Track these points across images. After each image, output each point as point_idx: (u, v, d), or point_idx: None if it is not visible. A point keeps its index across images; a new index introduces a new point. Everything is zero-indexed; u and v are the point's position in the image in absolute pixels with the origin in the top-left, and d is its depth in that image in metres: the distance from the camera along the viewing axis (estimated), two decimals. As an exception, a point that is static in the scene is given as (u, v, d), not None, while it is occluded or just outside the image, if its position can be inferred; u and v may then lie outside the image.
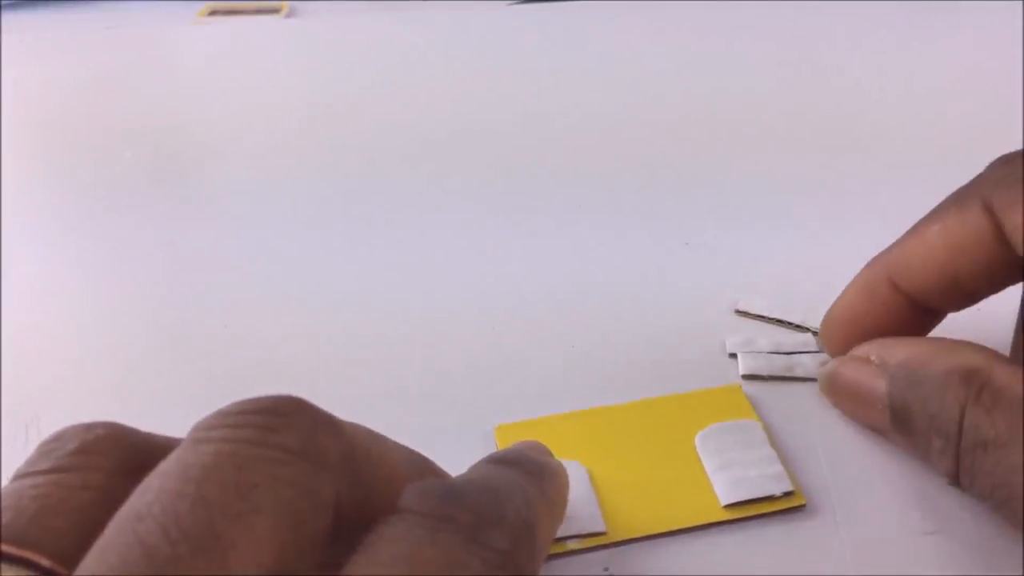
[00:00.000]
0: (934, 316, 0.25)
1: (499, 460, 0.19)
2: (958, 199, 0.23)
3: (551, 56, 0.50)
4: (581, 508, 0.22)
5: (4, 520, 0.14)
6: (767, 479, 0.23)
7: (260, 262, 0.34)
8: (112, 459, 0.16)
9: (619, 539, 0.22)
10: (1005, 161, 0.22)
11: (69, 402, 0.28)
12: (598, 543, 0.22)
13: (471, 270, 0.33)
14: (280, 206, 0.38)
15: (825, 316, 0.26)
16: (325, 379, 0.28)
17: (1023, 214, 0.21)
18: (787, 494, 0.23)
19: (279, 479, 0.14)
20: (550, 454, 0.22)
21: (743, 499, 0.23)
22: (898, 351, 0.23)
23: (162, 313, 0.32)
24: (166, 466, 0.14)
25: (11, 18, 0.55)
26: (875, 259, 0.25)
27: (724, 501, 0.23)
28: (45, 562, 0.14)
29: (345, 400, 0.27)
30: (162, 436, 0.17)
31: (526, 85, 0.47)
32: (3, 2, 0.56)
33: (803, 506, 0.23)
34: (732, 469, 0.24)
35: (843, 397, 0.25)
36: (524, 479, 0.18)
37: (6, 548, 0.14)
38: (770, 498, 0.23)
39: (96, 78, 0.49)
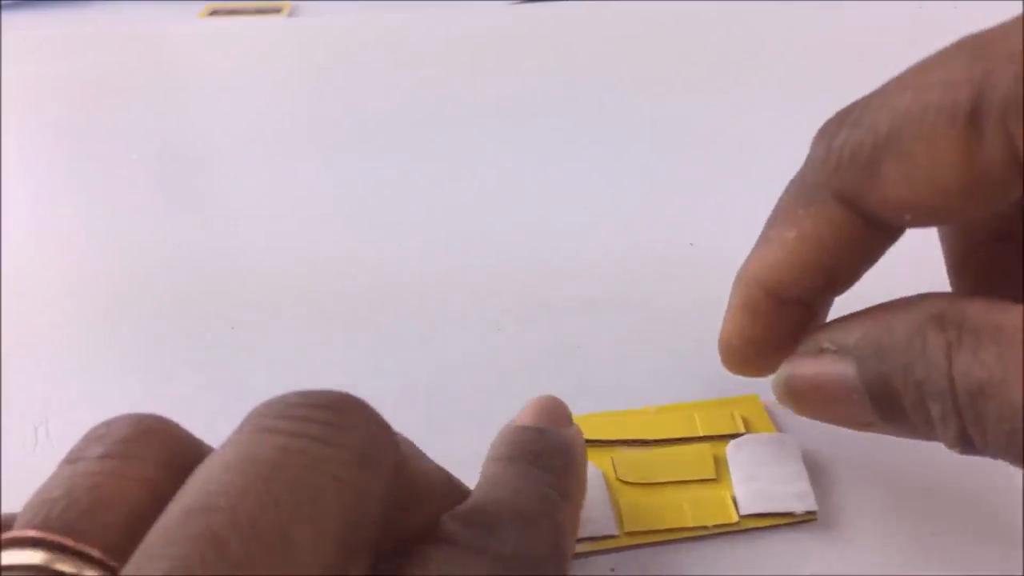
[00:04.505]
0: (823, 306, 0.23)
1: (528, 459, 0.20)
2: (805, 198, 0.21)
3: (551, 56, 0.50)
4: (594, 510, 0.23)
5: (57, 512, 0.14)
6: (791, 496, 0.23)
7: (265, 262, 0.34)
8: (161, 452, 0.16)
9: (630, 544, 0.22)
10: (823, 135, 0.20)
11: (77, 404, 0.28)
12: (609, 546, 0.22)
13: (480, 274, 0.33)
14: (283, 206, 0.38)
15: (719, 346, 0.23)
16: (336, 380, 0.28)
17: (882, 190, 0.19)
18: (808, 513, 0.23)
19: (343, 482, 0.14)
20: (569, 418, 0.22)
21: (762, 512, 0.23)
22: (851, 328, 0.20)
23: (167, 313, 0.32)
24: (229, 458, 0.14)
25: (11, 18, 0.55)
26: (740, 279, 0.22)
27: (743, 511, 0.23)
28: (98, 555, 0.14)
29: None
30: (199, 439, 0.17)
31: (526, 85, 0.47)
32: (3, 2, 0.56)
33: (814, 517, 0.23)
34: (758, 481, 0.23)
35: (808, 400, 0.21)
36: (551, 483, 0.19)
37: (66, 542, 0.14)
38: (789, 514, 0.23)
39: (96, 78, 0.49)
